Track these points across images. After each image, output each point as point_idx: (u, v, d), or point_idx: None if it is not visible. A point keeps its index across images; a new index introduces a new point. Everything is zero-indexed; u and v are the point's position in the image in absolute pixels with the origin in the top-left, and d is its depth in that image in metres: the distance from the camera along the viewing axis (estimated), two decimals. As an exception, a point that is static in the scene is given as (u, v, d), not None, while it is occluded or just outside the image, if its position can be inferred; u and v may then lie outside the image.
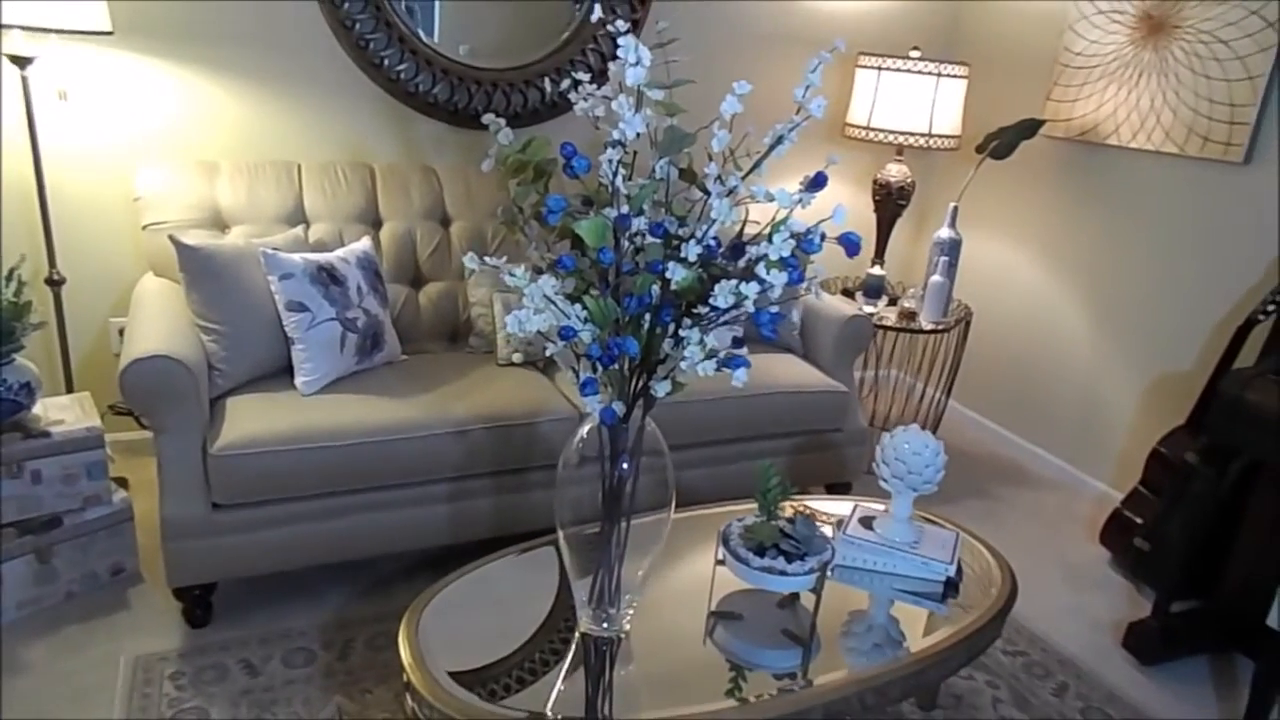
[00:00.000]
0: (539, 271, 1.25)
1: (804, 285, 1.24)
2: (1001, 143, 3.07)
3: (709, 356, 1.15)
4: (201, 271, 2.14)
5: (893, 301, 3.34)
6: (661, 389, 1.23)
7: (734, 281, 1.12)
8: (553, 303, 1.16)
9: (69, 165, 2.53)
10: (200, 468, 1.98)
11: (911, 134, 3.06)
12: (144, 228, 2.42)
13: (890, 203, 3.30)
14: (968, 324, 3.25)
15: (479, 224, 2.75)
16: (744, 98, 1.12)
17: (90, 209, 2.60)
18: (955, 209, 3.11)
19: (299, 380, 2.21)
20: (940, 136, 3.08)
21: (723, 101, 1.12)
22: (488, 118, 1.34)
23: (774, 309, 1.21)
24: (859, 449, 2.82)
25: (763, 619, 1.61)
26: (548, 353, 1.25)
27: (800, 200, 1.23)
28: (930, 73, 3.01)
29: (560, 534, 1.42)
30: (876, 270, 3.32)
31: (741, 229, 1.27)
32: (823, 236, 1.18)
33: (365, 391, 2.24)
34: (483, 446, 2.22)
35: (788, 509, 1.66)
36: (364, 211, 2.62)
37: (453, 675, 1.38)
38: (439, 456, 2.18)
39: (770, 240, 1.12)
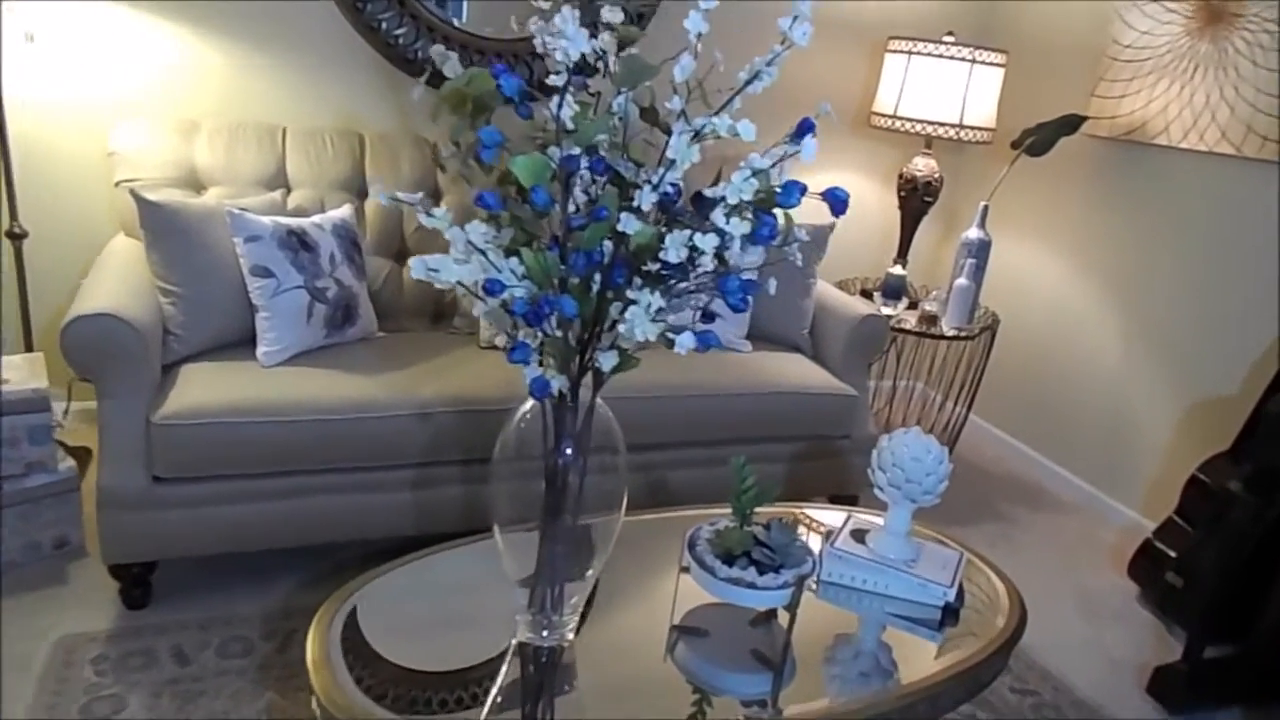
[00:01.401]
0: (497, 225, 1.08)
1: (784, 247, 1.05)
2: (1039, 139, 2.85)
3: (655, 320, 0.97)
4: (163, 230, 2.01)
5: (913, 304, 3.14)
6: (607, 361, 1.05)
7: (686, 232, 0.94)
8: (480, 252, 0.99)
9: (40, 115, 2.41)
10: (143, 437, 1.84)
11: (942, 124, 2.85)
12: (116, 185, 2.30)
13: (916, 199, 3.09)
14: (993, 332, 3.03)
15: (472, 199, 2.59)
16: (709, 14, 0.94)
17: (64, 164, 2.48)
18: (985, 208, 2.90)
19: (260, 350, 2.06)
20: (973, 129, 2.87)
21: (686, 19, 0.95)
22: (436, 49, 1.17)
23: (744, 275, 1.03)
24: (868, 458, 2.62)
25: (731, 637, 1.42)
26: (475, 313, 1.08)
27: (785, 156, 1.05)
28: (964, 59, 2.80)
29: (496, 530, 1.25)
30: (898, 270, 3.11)
31: (717, 179, 1.09)
32: (803, 190, 1.00)
33: (330, 366, 2.08)
34: (450, 432, 2.05)
35: (768, 514, 1.48)
36: (349, 179, 2.48)
37: (369, 682, 1.21)
38: (403, 440, 2.02)
39: (730, 181, 0.94)
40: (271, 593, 2.05)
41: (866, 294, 3.18)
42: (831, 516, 1.82)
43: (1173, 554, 2.32)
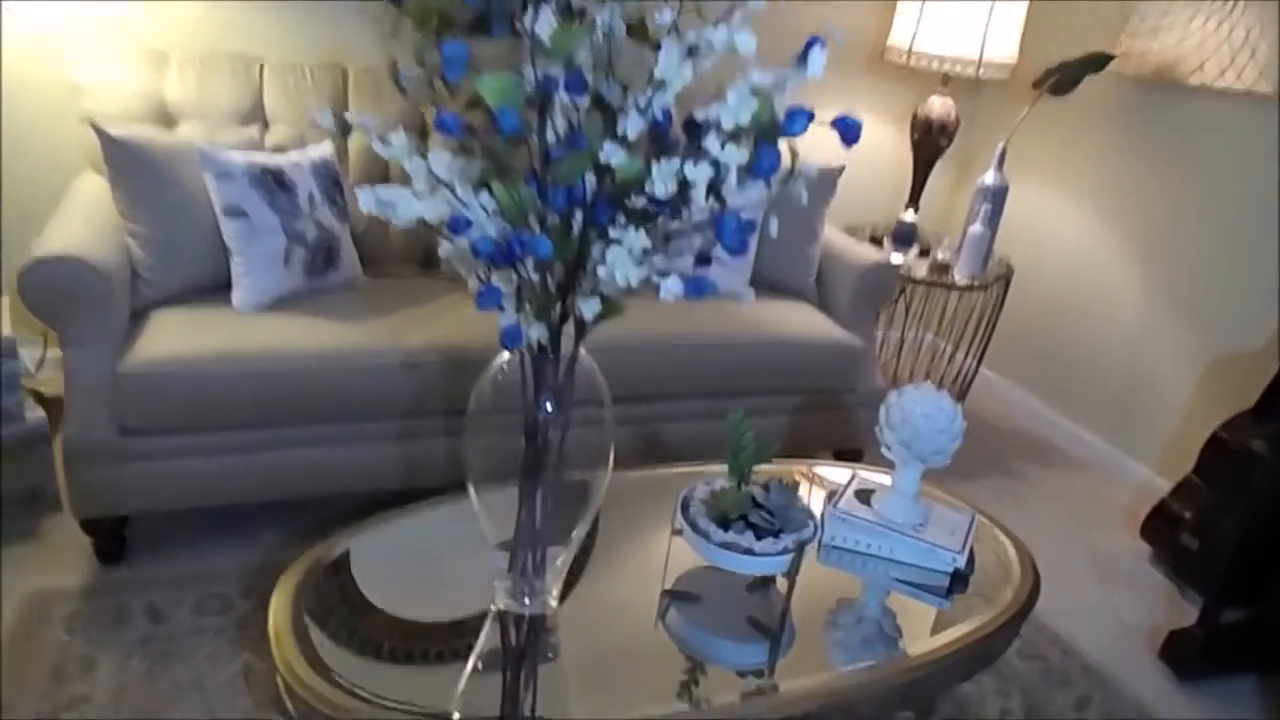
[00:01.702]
0: (469, 154, 0.96)
1: (788, 184, 0.94)
2: (1063, 77, 2.68)
3: (640, 263, 0.86)
4: (128, 167, 1.89)
5: (925, 252, 3.01)
6: (589, 308, 0.95)
7: (676, 162, 0.82)
8: (445, 185, 0.88)
9: (8, 46, 2.27)
10: (110, 386, 1.74)
11: (960, 60, 2.69)
12: (82, 120, 2.16)
13: (930, 142, 2.94)
14: (1007, 282, 2.90)
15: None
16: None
17: (30, 98, 2.34)
18: (1004, 150, 2.75)
19: (236, 296, 1.96)
20: (993, 65, 2.71)
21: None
22: (400, -42, 1.04)
23: (742, 214, 0.91)
24: (874, 414, 2.51)
25: (726, 603, 1.34)
26: (442, 254, 0.97)
27: (789, 79, 0.92)
28: (986, -10, 2.63)
29: (472, 489, 1.16)
30: (909, 216, 2.98)
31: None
32: (810, 117, 0.88)
33: (311, 313, 1.98)
34: (437, 382, 1.95)
35: (768, 474, 1.38)
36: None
37: (335, 655, 1.13)
38: (386, 390, 1.92)
39: (725, 101, 0.82)
40: (252, 548, 1.98)
41: (876, 241, 3.05)
42: (835, 475, 1.73)
43: (1188, 515, 2.23)
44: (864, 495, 1.54)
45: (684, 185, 0.84)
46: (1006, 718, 1.75)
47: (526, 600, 1.20)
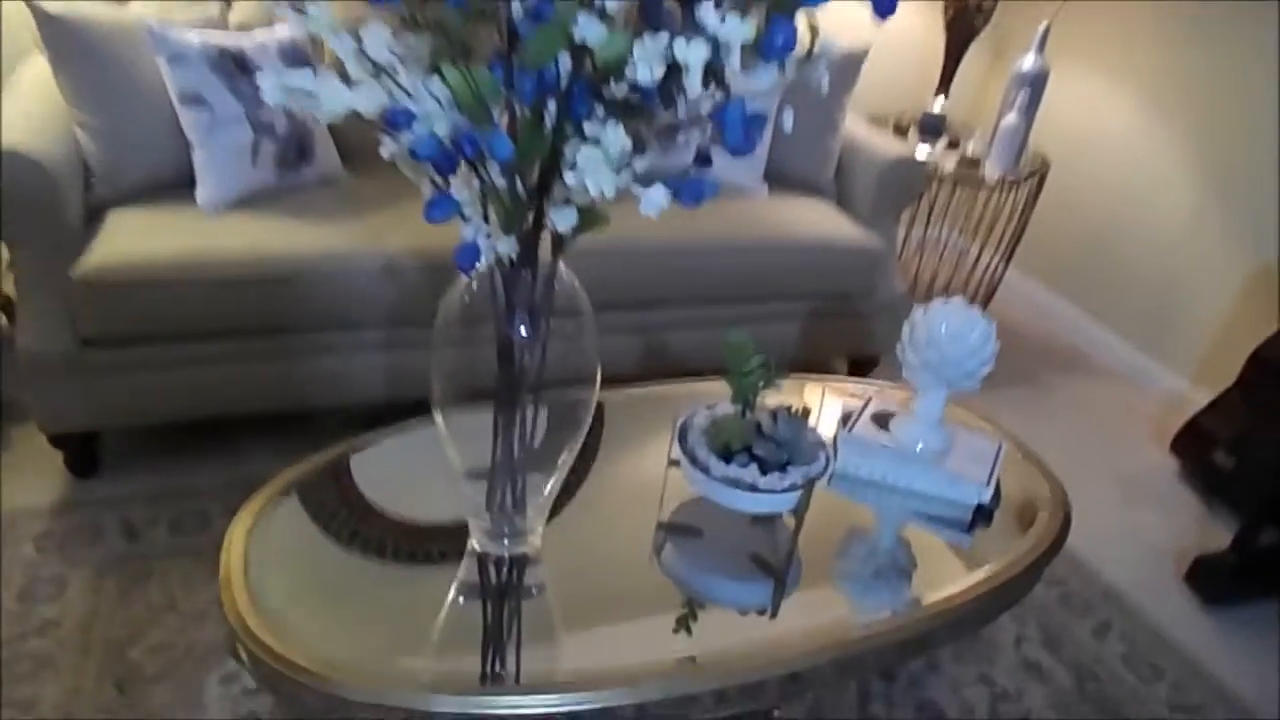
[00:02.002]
0: (416, 29, 0.79)
1: (807, 65, 0.76)
2: (1118, -55, 2.40)
3: (620, 168, 0.70)
4: (70, 49, 1.70)
5: (954, 145, 2.78)
6: (563, 220, 0.79)
7: (664, 39, 0.65)
8: (381, 69, 0.71)
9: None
10: (65, 294, 1.61)
11: (1003, -74, 2.41)
12: (26, -7, 1.95)
13: (965, 21, 2.68)
14: (1042, 178, 2.69)
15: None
16: None
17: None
18: (1047, 29, 2.50)
19: (200, 194, 1.80)
20: (1040, -68, 2.42)
21: None
22: None
23: (747, 103, 0.75)
24: (892, 320, 2.37)
25: (728, 538, 1.23)
26: (385, 155, 0.81)
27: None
28: None
29: (438, 417, 1.03)
30: (938, 105, 2.74)
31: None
32: (834, -20, 0.70)
33: (282, 213, 1.82)
34: (421, 289, 1.81)
35: (772, 399, 1.24)
36: (302, -11, 2.11)
37: (296, 597, 1.04)
38: (366, 297, 1.79)
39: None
40: (234, 463, 1.89)
41: (901, 132, 2.82)
42: (850, 394, 1.60)
43: (1224, 432, 2.10)
44: (881, 419, 1.41)
45: (675, 70, 0.67)
46: (1022, 645, 1.67)
47: (506, 541, 1.10)
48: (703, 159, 0.87)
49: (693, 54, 0.64)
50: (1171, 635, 1.75)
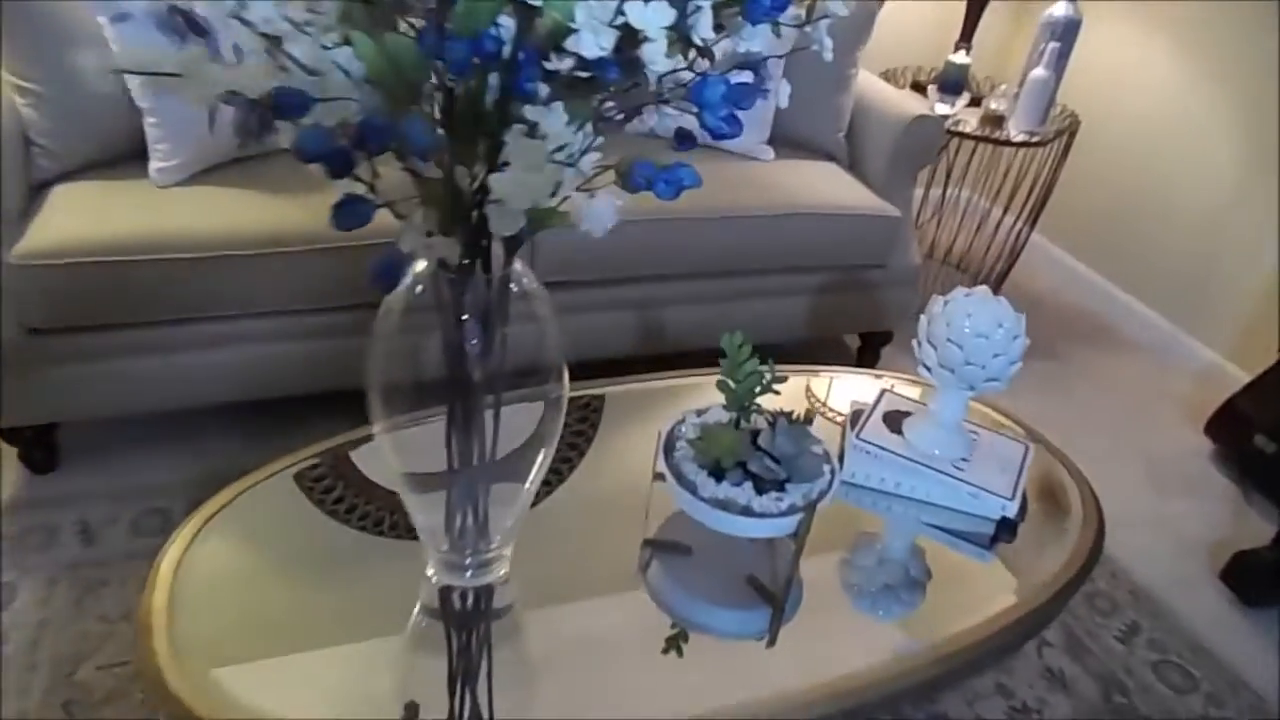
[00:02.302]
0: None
1: (807, 28, 0.62)
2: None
3: (567, 160, 0.56)
4: (7, 8, 1.54)
5: (976, 102, 2.59)
6: (505, 223, 0.65)
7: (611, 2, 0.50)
8: (264, 36, 0.57)
9: None
10: (4, 279, 1.48)
11: None
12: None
13: (990, -36, 2.47)
14: (1071, 136, 2.50)
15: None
16: None
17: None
18: (1080, -26, 2.29)
19: (153, 166, 1.65)
20: None
21: None
22: None
23: (731, 74, 0.60)
24: (908, 291, 2.22)
25: (720, 557, 1.11)
26: (285, 145, 0.67)
27: None
28: None
29: (376, 429, 0.89)
30: (959, 58, 2.54)
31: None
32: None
33: (245, 186, 1.68)
34: (395, 269, 1.67)
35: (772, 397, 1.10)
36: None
37: (227, 644, 0.92)
38: (335, 277, 1.65)
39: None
40: (200, 456, 1.77)
41: (919, 88, 2.63)
42: (861, 388, 1.46)
43: (1266, 415, 1.95)
44: (894, 420, 1.27)
45: (633, 37, 0.52)
46: (1044, 651, 1.55)
47: (469, 573, 0.97)
48: (684, 138, 0.72)
49: (652, 17, 0.49)
50: (1207, 640, 1.62)
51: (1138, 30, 2.61)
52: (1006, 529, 1.18)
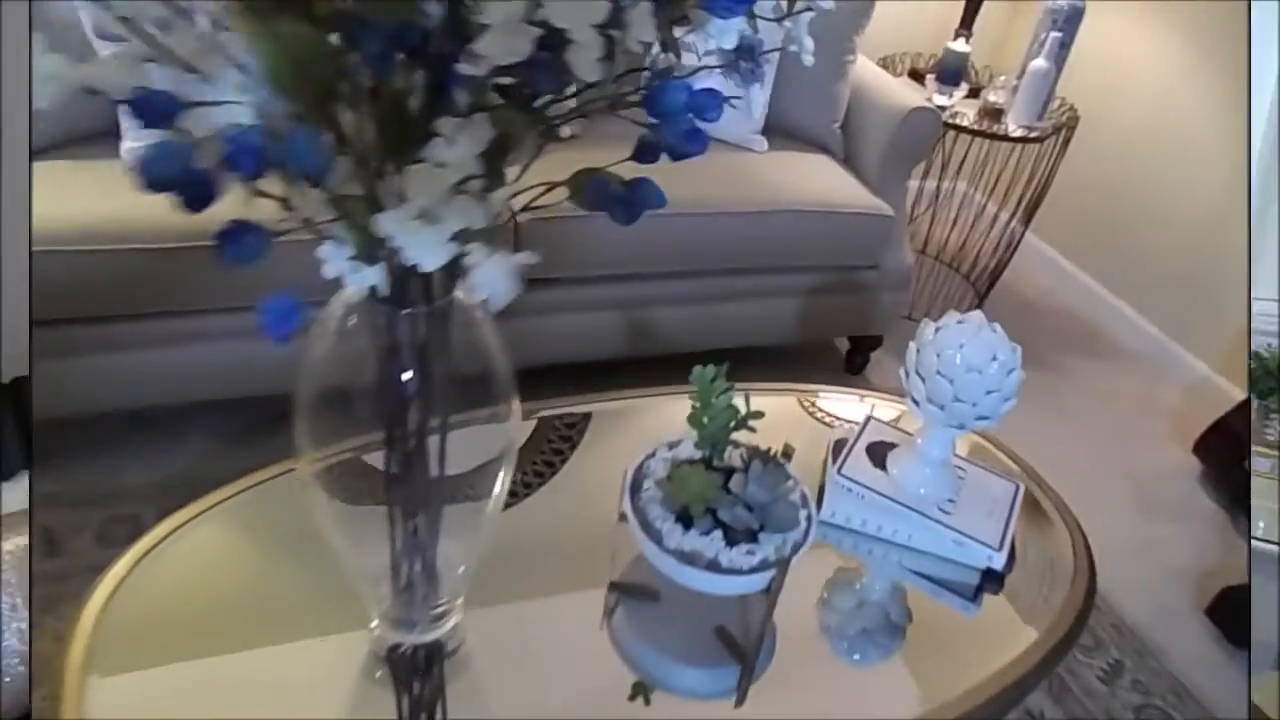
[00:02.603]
0: None
1: (785, 22, 0.54)
2: None
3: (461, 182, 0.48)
4: (-54, -27, 1.43)
5: (974, 92, 2.51)
6: (427, 253, 0.55)
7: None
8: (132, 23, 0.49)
9: None
10: (-54, 270, 1.39)
11: None
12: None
13: (996, -49, 2.36)
14: (1070, 131, 2.42)
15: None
16: None
17: None
18: (1088, -36, 2.19)
19: (125, 147, 1.57)
20: None
21: None
22: None
23: (691, 76, 0.52)
24: (900, 295, 2.15)
25: (688, 603, 1.04)
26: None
27: None
28: None
29: (304, 470, 0.81)
30: (960, 46, 2.45)
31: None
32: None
33: (207, 173, 1.58)
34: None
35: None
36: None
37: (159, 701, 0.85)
38: (317, 270, 1.56)
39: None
40: (171, 457, 1.70)
41: (916, 76, 2.54)
42: (845, 410, 1.39)
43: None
44: (879, 452, 1.20)
45: (555, 37, 0.44)
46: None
47: (415, 628, 0.90)
48: (646, 150, 0.62)
49: (575, 12, 0.41)
50: (1192, 681, 1.58)
51: (1143, 21, 2.53)
52: (993, 579, 1.12)
